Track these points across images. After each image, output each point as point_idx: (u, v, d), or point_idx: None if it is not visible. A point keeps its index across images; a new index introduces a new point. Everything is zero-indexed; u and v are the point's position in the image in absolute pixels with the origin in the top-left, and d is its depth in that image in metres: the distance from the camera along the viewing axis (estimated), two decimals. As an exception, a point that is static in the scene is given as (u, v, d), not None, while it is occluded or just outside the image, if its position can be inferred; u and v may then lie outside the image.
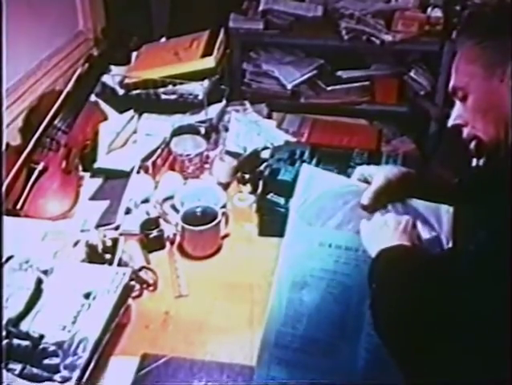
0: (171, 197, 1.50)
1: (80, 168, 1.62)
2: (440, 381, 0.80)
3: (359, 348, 0.91)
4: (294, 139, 1.89)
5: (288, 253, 0.99)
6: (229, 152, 1.69)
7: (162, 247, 1.39)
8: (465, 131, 0.94)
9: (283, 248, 1.00)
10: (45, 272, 1.15)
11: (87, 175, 1.61)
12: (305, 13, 2.64)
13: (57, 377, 0.96)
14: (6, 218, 1.29)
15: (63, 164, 1.56)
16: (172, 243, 1.41)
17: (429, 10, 2.57)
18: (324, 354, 0.91)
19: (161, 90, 1.84)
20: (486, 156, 0.95)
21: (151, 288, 1.28)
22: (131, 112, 1.80)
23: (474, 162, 1.07)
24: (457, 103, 0.95)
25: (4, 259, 1.15)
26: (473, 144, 0.94)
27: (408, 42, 2.54)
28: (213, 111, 1.83)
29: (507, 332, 0.76)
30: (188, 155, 1.63)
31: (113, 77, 1.90)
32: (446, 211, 1.05)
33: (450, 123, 0.96)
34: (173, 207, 1.47)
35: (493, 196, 0.88)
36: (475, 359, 0.78)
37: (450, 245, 1.02)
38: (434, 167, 2.46)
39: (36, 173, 1.49)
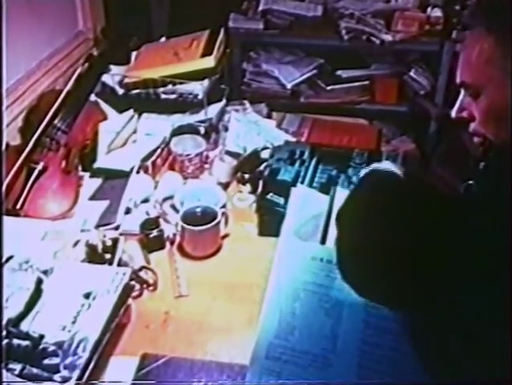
0: (171, 197, 1.50)
1: (80, 167, 1.62)
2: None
3: (351, 362, 0.92)
4: (293, 139, 1.89)
5: (281, 267, 1.00)
6: (228, 152, 1.69)
7: (162, 247, 1.39)
8: (472, 127, 0.91)
9: (276, 261, 1.01)
10: (45, 272, 1.15)
11: (86, 175, 1.61)
12: (305, 12, 2.64)
13: (57, 377, 0.96)
14: (5, 218, 1.29)
15: (63, 164, 1.56)
16: (172, 243, 1.41)
17: (429, 9, 2.57)
18: (316, 367, 0.91)
19: (161, 89, 1.84)
20: (492, 156, 0.94)
21: (151, 288, 1.28)
22: (130, 112, 1.80)
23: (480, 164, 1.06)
24: (464, 95, 0.91)
25: (4, 259, 1.15)
26: (476, 140, 0.91)
27: (408, 41, 2.55)
28: (212, 110, 1.83)
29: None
30: (187, 155, 1.62)
31: (113, 77, 1.90)
32: None
33: (454, 114, 0.92)
34: (173, 207, 1.47)
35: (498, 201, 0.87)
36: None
37: None
38: (434, 167, 2.46)
39: (36, 173, 1.49)
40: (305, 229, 1.07)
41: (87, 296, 1.10)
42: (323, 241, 1.06)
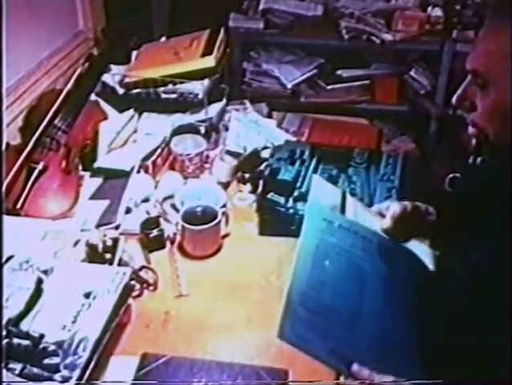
0: (171, 197, 1.50)
1: (80, 167, 1.62)
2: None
3: (372, 329, 0.92)
4: (294, 139, 1.89)
5: (310, 225, 1.00)
6: (229, 152, 1.69)
7: (162, 247, 1.39)
8: (471, 116, 0.88)
9: (306, 220, 1.00)
10: (45, 272, 1.15)
11: (87, 174, 1.61)
12: (305, 12, 2.64)
13: (57, 376, 0.96)
14: (6, 218, 1.29)
15: (63, 164, 1.56)
16: (172, 242, 1.41)
17: (429, 9, 2.56)
18: (343, 326, 0.91)
19: (161, 89, 1.84)
20: (487, 155, 0.93)
21: (151, 287, 1.28)
22: (131, 112, 1.80)
23: (471, 159, 1.05)
24: (469, 83, 0.88)
25: (4, 259, 1.15)
26: (471, 131, 0.89)
27: (408, 41, 2.54)
28: (213, 110, 1.83)
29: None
30: (188, 154, 1.62)
31: (113, 76, 1.90)
32: None
33: (455, 100, 0.89)
34: (173, 206, 1.47)
35: (492, 200, 0.87)
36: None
37: None
38: (434, 166, 2.46)
39: (36, 173, 1.49)
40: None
41: (87, 295, 1.10)
42: None
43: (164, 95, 1.85)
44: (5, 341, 1.00)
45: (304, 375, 1.07)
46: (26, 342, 1.01)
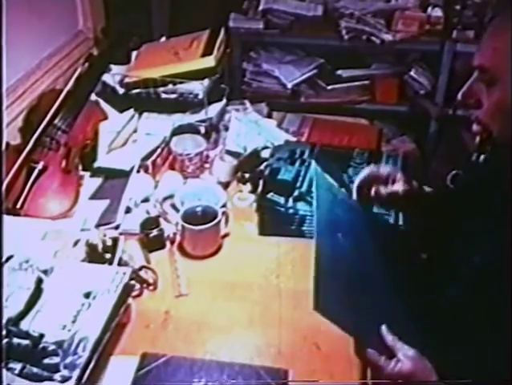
0: (171, 196, 1.50)
1: (80, 167, 1.62)
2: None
3: (385, 307, 0.93)
4: (294, 139, 1.89)
5: (319, 195, 1.01)
6: (229, 152, 1.69)
7: (162, 246, 1.39)
8: (476, 114, 0.89)
9: (315, 195, 1.01)
10: (45, 271, 1.15)
11: (87, 174, 1.61)
12: (305, 12, 2.64)
13: (57, 376, 0.96)
14: (6, 217, 1.29)
15: (63, 164, 1.56)
16: (172, 242, 1.41)
17: (429, 9, 2.57)
18: (364, 301, 0.92)
19: (161, 89, 1.84)
20: (489, 152, 0.94)
21: (151, 287, 1.28)
22: (131, 111, 1.80)
23: (475, 156, 1.05)
24: (475, 79, 0.88)
25: (4, 259, 1.15)
26: (475, 128, 0.89)
27: (408, 41, 2.55)
28: (213, 110, 1.83)
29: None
30: (188, 154, 1.62)
31: (113, 76, 1.90)
32: None
33: (460, 97, 0.90)
34: (173, 206, 1.47)
35: (495, 200, 0.87)
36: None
37: None
38: (434, 167, 2.46)
39: (36, 173, 1.49)
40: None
41: (87, 295, 1.10)
42: None
43: (164, 95, 1.85)
44: (5, 340, 1.00)
45: (304, 375, 1.07)
46: (25, 342, 1.01)
